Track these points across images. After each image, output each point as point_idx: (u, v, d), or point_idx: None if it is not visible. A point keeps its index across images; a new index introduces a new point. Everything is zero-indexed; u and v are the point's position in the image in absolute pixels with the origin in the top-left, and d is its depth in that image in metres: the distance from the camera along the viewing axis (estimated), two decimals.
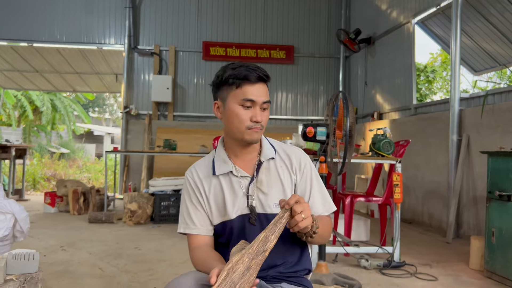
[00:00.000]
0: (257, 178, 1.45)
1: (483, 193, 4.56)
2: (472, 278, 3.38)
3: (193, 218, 1.47)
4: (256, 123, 1.39)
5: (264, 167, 1.47)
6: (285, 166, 1.49)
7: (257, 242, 1.20)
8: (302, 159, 1.51)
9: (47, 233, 4.67)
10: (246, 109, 1.39)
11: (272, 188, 1.45)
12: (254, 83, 1.39)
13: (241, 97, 1.38)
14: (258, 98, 1.39)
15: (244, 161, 1.48)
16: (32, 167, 11.64)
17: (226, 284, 1.12)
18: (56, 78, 9.68)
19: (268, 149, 1.50)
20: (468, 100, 5.22)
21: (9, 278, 1.55)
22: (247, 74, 1.38)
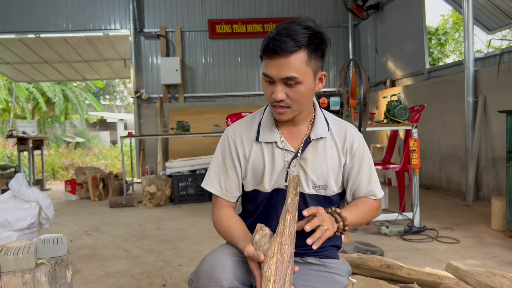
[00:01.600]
0: (301, 155, 1.34)
1: (502, 153, 4.50)
2: (494, 238, 3.38)
3: (221, 181, 1.40)
4: (276, 102, 1.25)
5: (312, 145, 1.34)
6: (335, 147, 1.37)
7: (286, 225, 1.13)
8: (355, 140, 1.38)
9: (71, 220, 4.78)
10: (269, 84, 1.25)
11: (316, 169, 1.34)
12: (272, 57, 1.21)
13: (263, 70, 1.25)
14: (275, 74, 1.21)
15: (292, 133, 1.36)
16: (50, 157, 11.84)
17: (278, 275, 1.07)
18: (66, 68, 9.72)
19: (321, 125, 1.36)
20: (483, 60, 5.10)
21: (41, 262, 1.59)
22: (268, 45, 1.21)
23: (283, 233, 1.12)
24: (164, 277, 2.72)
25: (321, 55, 1.26)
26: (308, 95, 1.26)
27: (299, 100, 1.24)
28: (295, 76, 1.20)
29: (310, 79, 1.24)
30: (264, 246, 1.14)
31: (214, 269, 1.19)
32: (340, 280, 1.32)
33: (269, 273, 1.06)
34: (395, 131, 4.50)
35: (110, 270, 2.91)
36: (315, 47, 1.22)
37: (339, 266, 1.37)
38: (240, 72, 8.70)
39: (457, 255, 2.97)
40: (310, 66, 1.22)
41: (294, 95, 1.23)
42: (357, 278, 2.30)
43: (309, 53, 1.21)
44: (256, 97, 8.71)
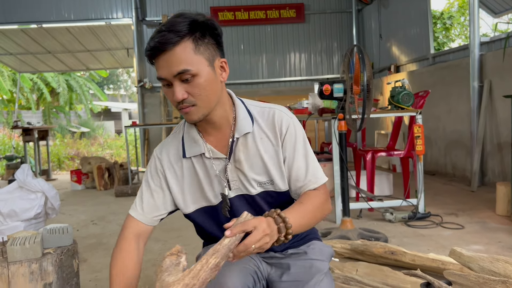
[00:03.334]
0: (234, 157, 1.23)
1: (508, 138, 4.47)
2: (499, 223, 3.37)
3: (143, 203, 1.30)
4: (179, 103, 1.12)
5: (241, 143, 1.23)
6: (266, 137, 1.24)
7: (204, 268, 0.95)
8: (284, 122, 1.24)
9: (77, 209, 4.83)
10: (168, 88, 1.13)
11: (253, 166, 1.23)
12: (155, 57, 1.11)
13: (157, 75, 1.13)
14: (166, 73, 1.09)
15: (218, 138, 1.24)
16: (55, 147, 11.91)
17: None
18: (69, 58, 9.73)
19: (244, 120, 1.23)
20: (489, 44, 5.04)
21: (47, 252, 1.61)
22: (148, 47, 1.11)
23: (195, 276, 0.94)
24: None
25: (214, 42, 1.15)
26: (210, 87, 1.13)
27: (202, 94, 1.12)
28: (186, 69, 1.08)
29: (205, 68, 1.12)
30: (166, 279, 0.95)
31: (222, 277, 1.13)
32: (320, 267, 1.27)
33: None
34: (400, 118, 4.47)
35: None
36: (200, 33, 1.12)
37: (319, 251, 1.33)
38: (243, 60, 8.66)
39: (461, 241, 2.97)
40: (200, 54, 1.11)
41: (195, 90, 1.11)
42: (361, 265, 2.31)
43: (195, 40, 1.10)
44: (260, 85, 8.69)
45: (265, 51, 8.70)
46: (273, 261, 1.32)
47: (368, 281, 2.05)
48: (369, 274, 2.19)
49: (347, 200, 3.22)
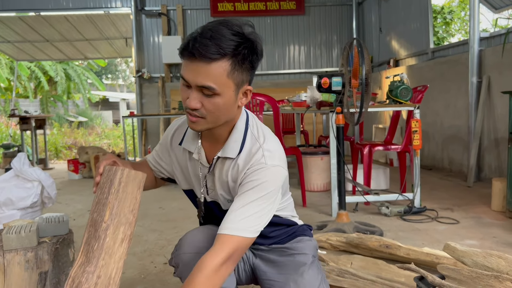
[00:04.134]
0: (212, 171, 1.28)
1: (505, 134, 4.48)
2: (494, 219, 3.39)
3: (155, 158, 1.47)
4: (189, 109, 1.11)
5: (220, 161, 1.25)
6: (236, 169, 1.22)
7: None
8: (256, 166, 1.17)
9: (74, 199, 4.83)
10: (186, 88, 1.11)
11: (222, 186, 1.28)
12: (191, 59, 1.06)
13: (181, 71, 1.11)
14: (191, 79, 1.07)
15: (211, 146, 1.27)
16: (52, 136, 11.88)
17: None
18: (67, 46, 9.67)
19: (233, 144, 1.21)
20: (488, 40, 5.03)
21: (43, 241, 1.61)
22: (188, 45, 1.06)
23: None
24: (166, 256, 2.76)
25: (249, 68, 1.12)
26: (225, 109, 1.12)
27: (214, 113, 1.11)
28: (212, 87, 1.06)
29: (230, 93, 1.10)
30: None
31: (197, 238, 1.29)
32: (303, 260, 1.30)
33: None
34: (398, 112, 4.47)
35: None
36: (242, 57, 1.08)
37: (303, 245, 1.36)
38: None
39: (456, 236, 2.99)
40: (232, 78, 1.08)
41: (210, 107, 1.09)
42: (356, 258, 2.33)
43: (234, 64, 1.07)
44: (258, 77, 8.66)
45: (264, 43, 8.56)
46: (258, 252, 1.37)
47: (362, 274, 2.06)
48: (364, 267, 2.20)
49: (343, 193, 3.23)
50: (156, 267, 2.56)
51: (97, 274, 0.97)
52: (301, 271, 1.26)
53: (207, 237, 1.29)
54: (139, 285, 2.29)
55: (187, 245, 1.29)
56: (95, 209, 1.03)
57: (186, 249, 1.28)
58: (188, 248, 1.28)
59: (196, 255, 1.19)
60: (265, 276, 1.29)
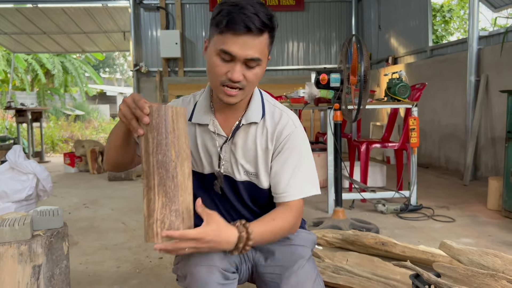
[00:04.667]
0: (232, 140, 1.27)
1: (502, 133, 4.48)
2: (489, 218, 3.40)
3: None
4: (231, 82, 1.14)
5: (243, 129, 1.27)
6: (266, 134, 1.27)
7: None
8: (286, 129, 1.26)
9: (69, 192, 4.81)
10: (224, 62, 1.14)
11: (246, 154, 1.27)
12: (239, 33, 1.09)
13: (219, 45, 1.12)
14: (240, 53, 1.11)
15: (227, 117, 1.29)
16: (49, 130, 11.82)
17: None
18: (64, 39, 9.61)
19: (255, 111, 1.27)
20: (487, 39, 5.02)
21: (37, 234, 1.60)
22: (234, 19, 1.09)
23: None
24: None
25: (273, 41, 1.23)
26: (260, 78, 1.20)
27: (253, 83, 1.18)
28: (259, 58, 1.14)
29: (266, 61, 1.20)
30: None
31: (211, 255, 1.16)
32: (302, 253, 1.29)
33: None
34: (395, 110, 4.47)
35: (108, 243, 2.94)
36: (274, 31, 1.19)
37: (303, 238, 1.36)
38: None
39: (452, 234, 2.99)
40: (268, 50, 1.19)
41: (252, 77, 1.16)
42: (352, 255, 2.33)
43: (271, 36, 1.18)
44: None
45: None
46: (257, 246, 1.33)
47: (358, 271, 2.06)
48: (359, 264, 2.20)
49: (340, 190, 3.23)
50: (151, 261, 2.55)
51: (181, 209, 1.02)
52: (299, 263, 1.25)
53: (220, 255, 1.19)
54: (134, 280, 2.28)
55: (198, 256, 1.16)
56: (157, 151, 1.02)
57: (197, 261, 1.16)
58: (199, 260, 1.16)
59: (207, 269, 1.13)
60: (264, 270, 1.28)
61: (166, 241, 1.02)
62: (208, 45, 1.19)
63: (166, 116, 1.03)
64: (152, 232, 1.01)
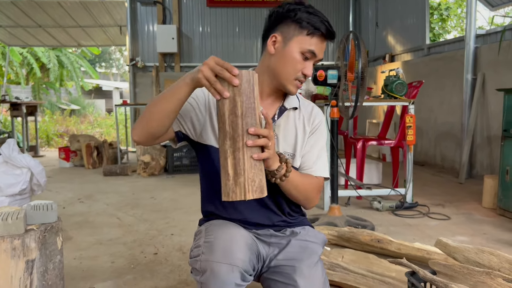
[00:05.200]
0: (275, 122, 1.38)
1: (498, 132, 4.50)
2: (484, 216, 3.41)
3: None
4: (304, 77, 1.33)
5: (285, 114, 1.40)
6: (303, 120, 1.43)
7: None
8: (318, 117, 1.45)
9: (64, 187, 4.78)
10: (304, 60, 1.32)
11: (286, 136, 1.39)
12: (324, 39, 1.33)
13: (307, 46, 1.29)
14: (320, 54, 1.34)
15: (266, 103, 1.40)
16: (44, 124, 11.76)
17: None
18: (60, 33, 9.53)
19: (293, 99, 1.43)
20: (484, 37, 5.03)
21: (30, 228, 1.58)
22: (323, 27, 1.30)
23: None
24: (156, 246, 2.74)
25: None
26: None
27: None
28: (321, 59, 1.37)
29: None
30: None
31: (232, 246, 1.17)
32: (315, 249, 1.35)
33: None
34: (392, 107, 4.47)
35: (103, 238, 2.92)
36: None
37: (315, 235, 1.43)
38: (238, 42, 8.56)
39: (447, 232, 3.00)
40: None
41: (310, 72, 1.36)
42: (347, 252, 2.32)
43: None
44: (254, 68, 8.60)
45: (260, 35, 8.55)
46: (271, 240, 1.37)
47: (353, 268, 2.05)
48: (355, 261, 2.20)
49: (336, 187, 3.22)
50: (146, 257, 2.54)
51: (262, 168, 1.12)
52: (313, 258, 1.30)
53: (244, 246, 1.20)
54: (128, 275, 2.27)
55: (221, 252, 1.16)
56: (246, 114, 1.07)
57: (220, 257, 1.15)
58: (222, 257, 1.15)
59: (229, 268, 1.13)
60: (277, 263, 1.30)
61: (257, 195, 1.08)
62: (282, 41, 1.32)
63: (253, 81, 1.09)
64: (244, 190, 1.07)
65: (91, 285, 2.14)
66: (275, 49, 1.33)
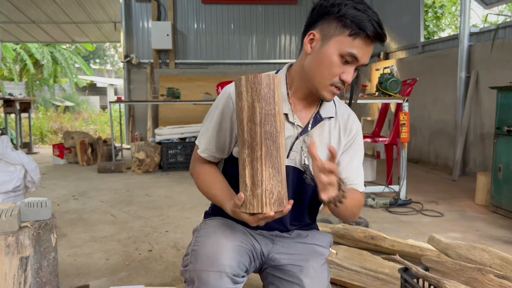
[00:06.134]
0: (308, 132, 1.27)
1: (491, 130, 4.53)
2: (477, 213, 3.44)
3: (210, 142, 1.30)
4: (342, 83, 1.17)
5: (320, 123, 1.29)
6: (338, 127, 1.32)
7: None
8: (355, 125, 1.34)
9: (58, 184, 4.76)
10: (343, 64, 1.15)
11: (319, 148, 1.25)
12: (371, 41, 1.14)
13: (348, 48, 1.13)
14: (363, 58, 1.16)
15: (302, 109, 1.28)
16: (38, 121, 11.69)
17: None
18: (54, 29, 9.46)
19: (330, 106, 1.31)
20: (478, 35, 5.05)
21: (24, 225, 1.58)
22: (370, 28, 1.11)
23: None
24: (151, 243, 2.74)
25: None
26: None
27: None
28: (366, 65, 1.20)
29: None
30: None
31: (218, 253, 1.15)
32: (322, 251, 1.34)
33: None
34: (386, 105, 4.49)
35: (97, 235, 2.92)
36: None
37: (322, 237, 1.40)
38: (233, 39, 8.55)
39: (440, 228, 3.02)
40: None
41: (352, 79, 1.20)
42: (341, 248, 2.33)
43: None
44: (249, 65, 8.61)
45: (255, 32, 8.59)
46: (277, 239, 1.34)
47: (347, 264, 2.07)
48: (349, 258, 2.21)
49: None
50: (140, 254, 2.54)
51: (282, 179, 1.04)
52: (319, 261, 1.29)
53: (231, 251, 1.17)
54: (123, 272, 2.27)
55: (207, 261, 1.14)
56: (265, 121, 1.01)
57: (206, 265, 1.13)
58: (209, 265, 1.13)
59: (217, 275, 1.11)
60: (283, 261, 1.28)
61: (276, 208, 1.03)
62: (320, 39, 1.17)
63: (274, 86, 1.02)
64: (261, 202, 1.01)
65: (86, 282, 2.14)
66: (312, 48, 1.19)
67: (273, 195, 1.02)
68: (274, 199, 1.02)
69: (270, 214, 1.02)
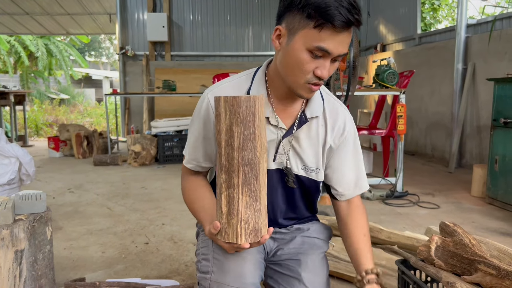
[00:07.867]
0: (293, 133, 1.18)
1: (487, 122, 4.53)
2: (473, 204, 3.45)
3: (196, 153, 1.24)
4: (319, 79, 1.04)
5: (306, 124, 1.19)
6: (325, 127, 1.21)
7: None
8: (347, 122, 1.23)
9: (54, 177, 4.74)
10: (314, 58, 1.01)
11: (308, 149, 1.20)
12: (340, 30, 0.97)
13: (315, 42, 0.98)
14: (335, 50, 1.00)
15: (286, 109, 1.18)
16: (33, 113, 11.61)
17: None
18: (48, 21, 9.37)
19: (317, 103, 1.19)
20: (475, 27, 5.04)
21: (19, 218, 1.56)
22: (335, 16, 0.95)
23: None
24: (147, 236, 2.73)
25: None
26: None
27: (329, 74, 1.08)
28: (347, 52, 1.05)
29: None
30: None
31: (243, 269, 1.11)
32: (321, 245, 1.33)
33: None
34: (383, 97, 4.48)
35: (93, 228, 2.91)
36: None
37: (321, 230, 1.38)
38: (229, 31, 8.49)
39: (436, 220, 3.03)
40: None
41: (332, 71, 1.06)
42: (338, 240, 2.33)
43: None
44: (245, 57, 8.56)
45: (251, 24, 8.54)
46: (277, 236, 1.33)
47: (344, 256, 2.07)
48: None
49: None
50: (137, 246, 2.53)
51: (262, 208, 0.98)
52: (318, 254, 1.28)
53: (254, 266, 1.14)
54: (119, 265, 2.26)
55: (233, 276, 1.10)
56: (243, 147, 0.94)
57: (230, 280, 1.09)
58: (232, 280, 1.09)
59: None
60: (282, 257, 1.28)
61: (251, 240, 0.97)
62: (287, 35, 1.04)
63: (255, 109, 0.93)
64: (236, 232, 0.97)
65: (82, 275, 2.13)
66: (280, 44, 1.07)
67: (249, 225, 0.97)
68: (250, 229, 0.97)
69: (244, 246, 0.97)
